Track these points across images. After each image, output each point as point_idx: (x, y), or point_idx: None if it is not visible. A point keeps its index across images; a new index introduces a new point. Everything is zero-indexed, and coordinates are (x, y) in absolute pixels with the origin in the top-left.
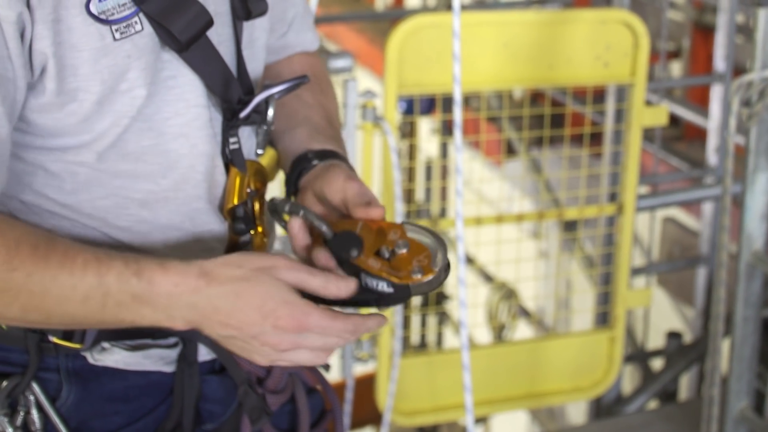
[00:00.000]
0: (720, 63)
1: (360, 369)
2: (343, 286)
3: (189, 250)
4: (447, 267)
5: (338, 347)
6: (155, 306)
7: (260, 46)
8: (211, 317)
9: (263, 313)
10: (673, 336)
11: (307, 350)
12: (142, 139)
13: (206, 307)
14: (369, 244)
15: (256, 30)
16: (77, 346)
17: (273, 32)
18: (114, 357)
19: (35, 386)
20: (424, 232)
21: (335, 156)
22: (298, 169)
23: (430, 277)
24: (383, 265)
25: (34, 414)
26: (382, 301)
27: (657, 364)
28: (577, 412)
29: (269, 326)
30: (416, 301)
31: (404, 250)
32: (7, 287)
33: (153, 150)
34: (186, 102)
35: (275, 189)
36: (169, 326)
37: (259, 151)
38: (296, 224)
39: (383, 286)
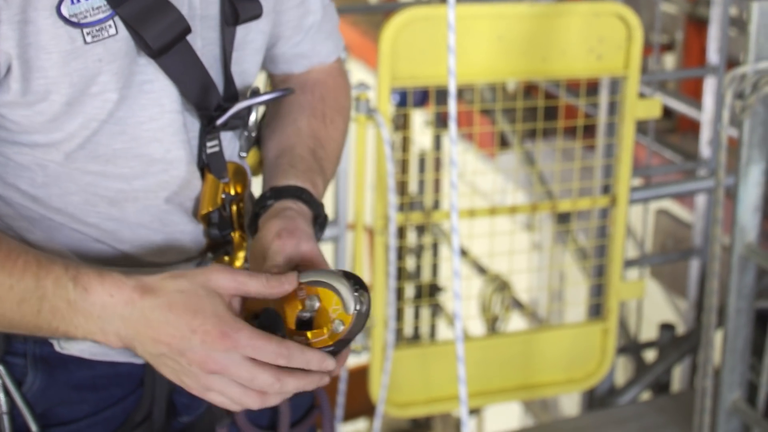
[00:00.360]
0: (713, 55)
1: (353, 361)
2: (285, 282)
3: (159, 249)
4: (359, 302)
5: (271, 389)
6: (88, 316)
7: (254, 49)
8: (142, 332)
9: (192, 327)
10: (666, 328)
11: (235, 384)
12: (114, 142)
13: (138, 321)
14: (290, 313)
15: (251, 32)
16: None
17: (287, 40)
18: (80, 346)
19: (2, 370)
20: (318, 274)
21: (295, 194)
22: (256, 209)
23: (350, 325)
24: (308, 335)
25: (1, 397)
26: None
27: (650, 355)
28: (570, 404)
29: (197, 341)
30: (409, 292)
31: (317, 305)
32: None
33: (125, 153)
34: (161, 107)
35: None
36: (102, 340)
37: (243, 154)
38: None
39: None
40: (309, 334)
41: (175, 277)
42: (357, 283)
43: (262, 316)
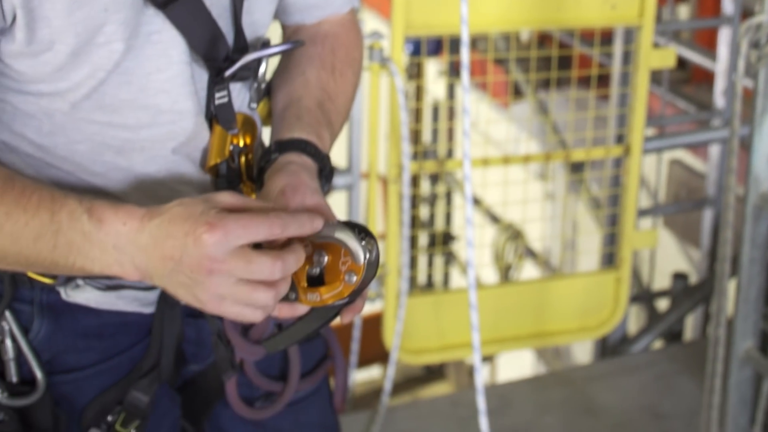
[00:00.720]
0: (728, 5)
1: (367, 308)
2: (311, 220)
3: (165, 200)
4: (367, 251)
5: (274, 271)
6: (104, 248)
7: None
8: (152, 254)
9: (185, 231)
10: (679, 277)
11: (239, 282)
12: (120, 92)
13: (148, 243)
14: (300, 272)
15: None
16: (50, 281)
17: None
18: (86, 295)
19: (9, 315)
20: (323, 228)
21: (299, 147)
22: (261, 163)
23: (362, 275)
24: (321, 291)
25: (8, 343)
26: (339, 311)
27: (662, 304)
28: (583, 352)
29: (190, 243)
30: (423, 241)
31: (326, 259)
32: None
33: (132, 104)
34: (168, 58)
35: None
36: (120, 273)
37: (253, 105)
38: None
39: (333, 309)
40: (322, 290)
41: (183, 198)
42: (362, 232)
43: None
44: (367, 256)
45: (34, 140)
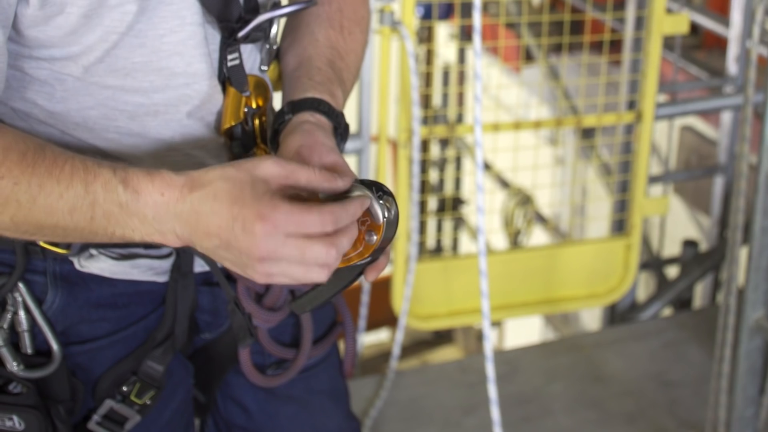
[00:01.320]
0: None
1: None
2: (338, 178)
3: (179, 164)
4: (386, 209)
5: (328, 257)
6: (143, 218)
7: None
8: (196, 226)
9: (233, 214)
10: (689, 244)
11: (291, 263)
12: (133, 55)
13: (190, 216)
14: None
15: None
16: (63, 251)
17: None
18: (100, 264)
19: (22, 287)
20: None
21: (312, 105)
22: (275, 125)
23: (382, 234)
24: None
25: (22, 315)
26: (363, 270)
27: (672, 272)
28: (592, 318)
29: (239, 228)
30: (432, 205)
31: None
32: None
33: (145, 67)
34: (181, 19)
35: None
36: (161, 241)
37: (264, 68)
38: None
39: (356, 268)
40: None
41: (223, 167)
42: (380, 190)
43: None
44: (386, 214)
45: (45, 107)
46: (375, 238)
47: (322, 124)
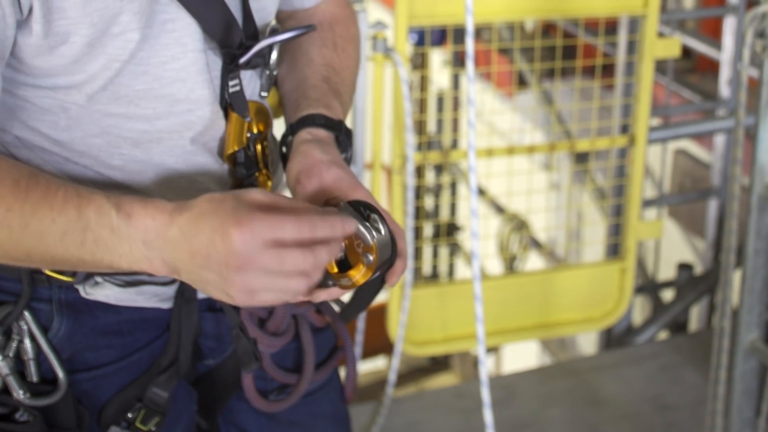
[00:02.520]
0: None
1: None
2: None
3: (183, 191)
4: (373, 229)
5: (306, 264)
6: (133, 243)
7: None
8: (181, 248)
9: (213, 227)
10: (684, 267)
11: (271, 274)
12: (136, 82)
13: (177, 238)
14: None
15: None
16: (69, 279)
17: None
18: (105, 292)
19: (27, 315)
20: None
21: (309, 122)
22: (281, 151)
23: (376, 253)
24: (351, 275)
25: (27, 343)
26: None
27: (667, 295)
28: (588, 343)
29: (218, 240)
30: (428, 231)
31: (343, 244)
32: None
33: (148, 94)
34: (183, 46)
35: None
36: (148, 269)
37: (264, 94)
38: None
39: (374, 280)
40: (351, 273)
41: (212, 194)
42: (366, 209)
43: None
44: (375, 235)
45: (50, 135)
46: (371, 258)
47: (320, 138)
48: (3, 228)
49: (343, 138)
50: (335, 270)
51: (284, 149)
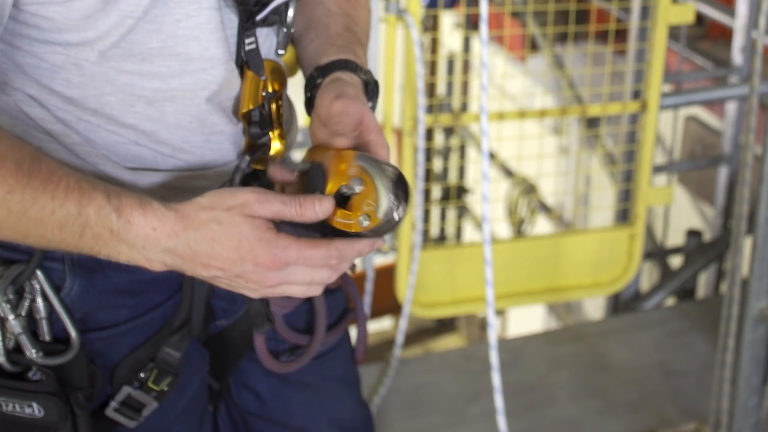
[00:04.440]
0: None
1: (380, 260)
2: (320, 207)
3: (197, 150)
4: (392, 210)
5: (331, 278)
6: (132, 246)
7: None
8: (191, 260)
9: (241, 254)
10: (693, 234)
11: (296, 285)
12: (149, 40)
13: (185, 252)
14: (334, 180)
15: None
16: None
17: None
18: None
19: (40, 274)
20: (376, 164)
21: (341, 66)
22: (307, 92)
23: (374, 227)
24: (336, 212)
25: (39, 302)
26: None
27: (676, 261)
28: (595, 308)
29: (250, 265)
30: (436, 194)
31: (358, 189)
32: None
33: (162, 52)
34: (198, 4)
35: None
36: (147, 267)
37: (281, 52)
38: (275, 170)
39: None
40: (338, 212)
41: (209, 207)
42: (401, 191)
43: (311, 172)
44: (387, 215)
45: (63, 93)
46: (366, 224)
47: (353, 82)
48: (2, 209)
49: (372, 86)
50: (331, 193)
51: (311, 90)
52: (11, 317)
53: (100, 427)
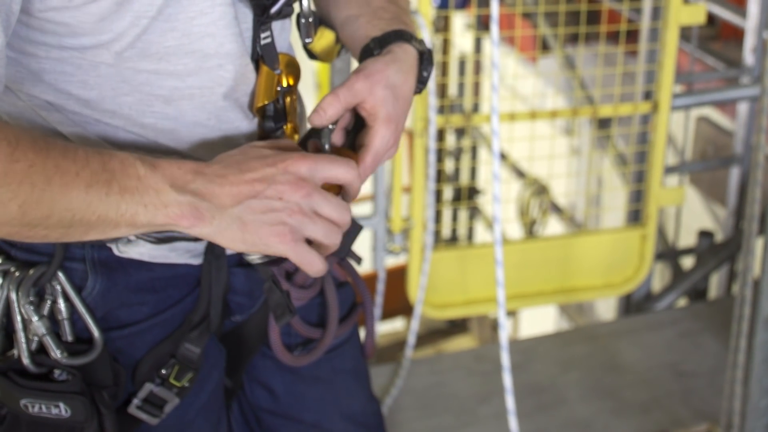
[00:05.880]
0: None
1: (391, 261)
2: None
3: (215, 147)
4: None
5: (345, 222)
6: (161, 188)
7: None
8: (219, 193)
9: (269, 163)
10: (705, 235)
11: (320, 222)
12: (165, 39)
13: (212, 182)
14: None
15: None
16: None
17: None
18: (139, 249)
19: (61, 275)
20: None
21: (396, 37)
22: (362, 60)
23: None
24: None
25: (61, 303)
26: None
27: (687, 262)
28: (607, 308)
29: (281, 170)
30: (447, 195)
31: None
32: (7, 181)
33: (178, 50)
34: (211, 0)
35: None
36: (174, 217)
37: (308, 40)
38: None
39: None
40: None
41: (227, 152)
42: None
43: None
44: None
45: (80, 96)
46: None
47: (406, 55)
48: (25, 185)
49: (427, 55)
50: None
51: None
52: (35, 319)
53: (122, 425)
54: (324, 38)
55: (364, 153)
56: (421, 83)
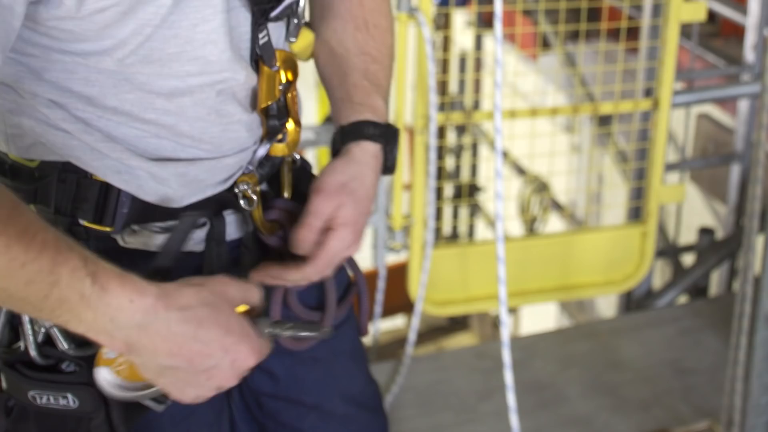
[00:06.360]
0: None
1: (392, 258)
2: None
3: (217, 140)
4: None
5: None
6: (100, 315)
7: None
8: (159, 344)
9: (224, 346)
10: (705, 232)
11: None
12: (167, 46)
13: (158, 332)
14: None
15: None
16: (108, 229)
17: None
18: (143, 239)
19: None
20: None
21: (356, 134)
22: (333, 150)
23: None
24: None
25: None
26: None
27: (688, 259)
28: (607, 305)
29: (227, 361)
30: (448, 192)
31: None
32: None
33: (180, 57)
34: (213, 8)
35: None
36: (103, 341)
37: (292, 39)
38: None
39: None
40: None
41: (197, 289)
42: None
43: None
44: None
45: (81, 92)
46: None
47: (367, 153)
48: None
49: (390, 146)
50: None
51: (335, 150)
52: None
53: (128, 414)
54: (303, 38)
55: (319, 252)
56: (387, 168)
